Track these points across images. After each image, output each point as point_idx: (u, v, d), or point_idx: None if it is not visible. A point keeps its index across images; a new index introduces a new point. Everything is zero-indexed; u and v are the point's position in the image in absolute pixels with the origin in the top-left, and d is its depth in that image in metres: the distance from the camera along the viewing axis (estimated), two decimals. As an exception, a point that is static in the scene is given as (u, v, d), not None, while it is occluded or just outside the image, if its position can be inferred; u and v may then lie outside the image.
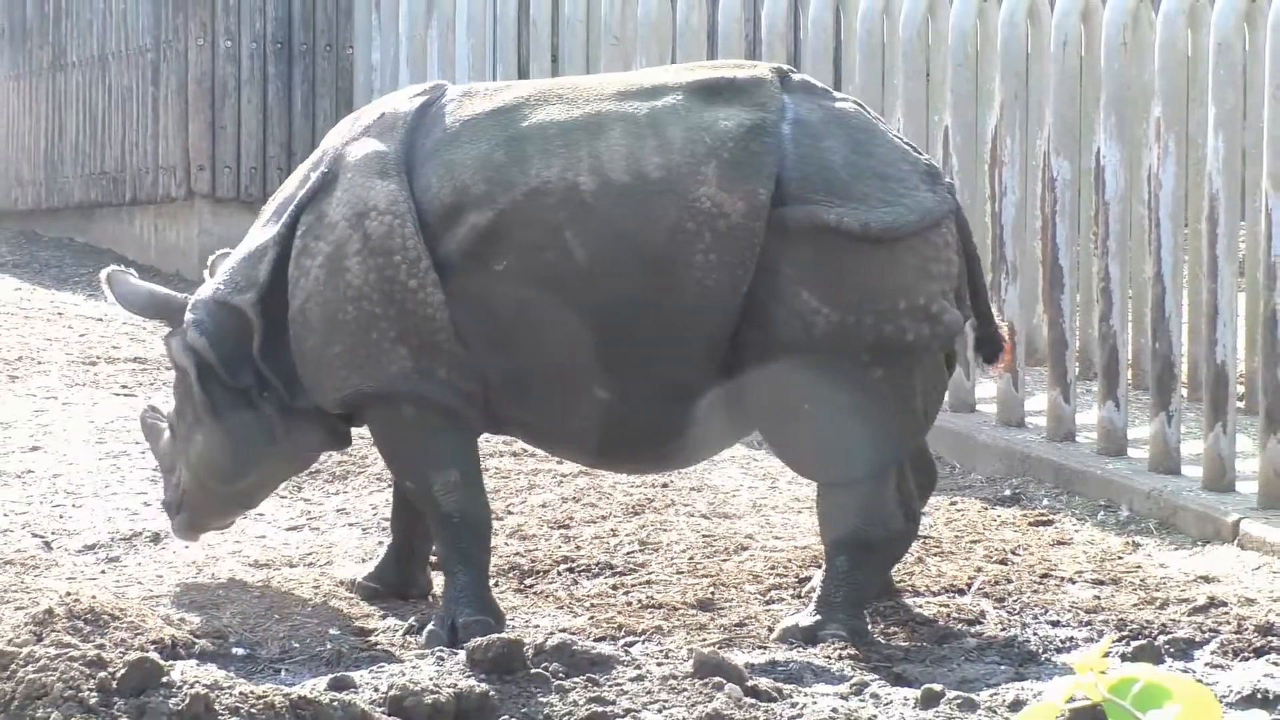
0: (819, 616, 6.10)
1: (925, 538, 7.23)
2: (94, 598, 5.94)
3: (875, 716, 5.26)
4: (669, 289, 6.03)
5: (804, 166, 6.08)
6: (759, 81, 6.19)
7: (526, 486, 7.84)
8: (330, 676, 5.50)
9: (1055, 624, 6.33)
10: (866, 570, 6.15)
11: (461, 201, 6.15)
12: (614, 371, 6.09)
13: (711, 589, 6.66)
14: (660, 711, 5.25)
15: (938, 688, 5.46)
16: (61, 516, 7.51)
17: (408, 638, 6.19)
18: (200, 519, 6.72)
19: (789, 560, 6.95)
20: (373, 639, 6.13)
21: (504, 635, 5.63)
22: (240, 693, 5.09)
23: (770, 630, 6.23)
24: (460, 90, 6.38)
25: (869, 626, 6.16)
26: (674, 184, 6.05)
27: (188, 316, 6.51)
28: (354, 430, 6.60)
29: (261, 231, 6.48)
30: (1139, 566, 6.93)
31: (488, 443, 8.36)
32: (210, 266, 6.72)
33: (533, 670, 5.46)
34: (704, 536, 7.28)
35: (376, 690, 5.34)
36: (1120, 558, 7.05)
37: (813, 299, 6.01)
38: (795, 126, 6.12)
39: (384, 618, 6.34)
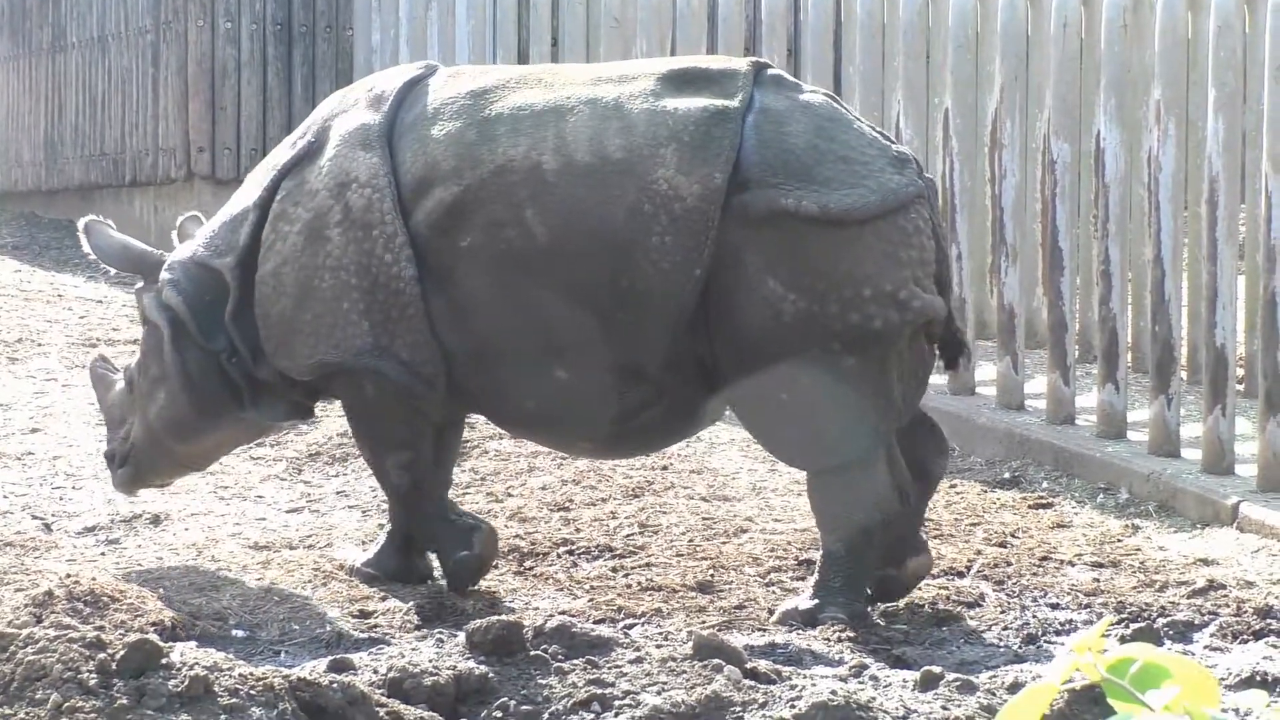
0: (818, 600, 6.11)
1: (925, 520, 7.23)
2: (94, 580, 5.95)
3: (874, 699, 5.27)
4: (626, 270, 6.04)
5: (765, 152, 6.06)
6: (730, 72, 6.19)
7: (526, 469, 7.84)
8: (330, 658, 5.50)
9: (1055, 606, 6.33)
10: (863, 554, 6.15)
11: (431, 177, 6.22)
12: (572, 352, 6.12)
13: (711, 571, 6.66)
14: (659, 693, 5.26)
15: (937, 670, 5.46)
16: (61, 499, 7.51)
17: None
18: (144, 475, 6.81)
19: (788, 543, 6.96)
20: (372, 621, 6.14)
21: (504, 617, 5.64)
22: (240, 674, 5.09)
23: (770, 612, 6.24)
24: (450, 71, 6.43)
25: (868, 609, 6.17)
26: (634, 165, 6.07)
27: (164, 275, 6.56)
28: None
29: (243, 196, 6.53)
30: (1138, 549, 6.93)
31: (487, 425, 8.37)
32: (179, 229, 6.76)
33: (532, 652, 5.47)
34: (703, 519, 7.28)
35: (376, 672, 5.35)
36: (1119, 540, 7.06)
37: (779, 286, 5.99)
38: (760, 114, 6.10)
39: (384, 600, 6.34)
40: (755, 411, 6.16)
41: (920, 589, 6.42)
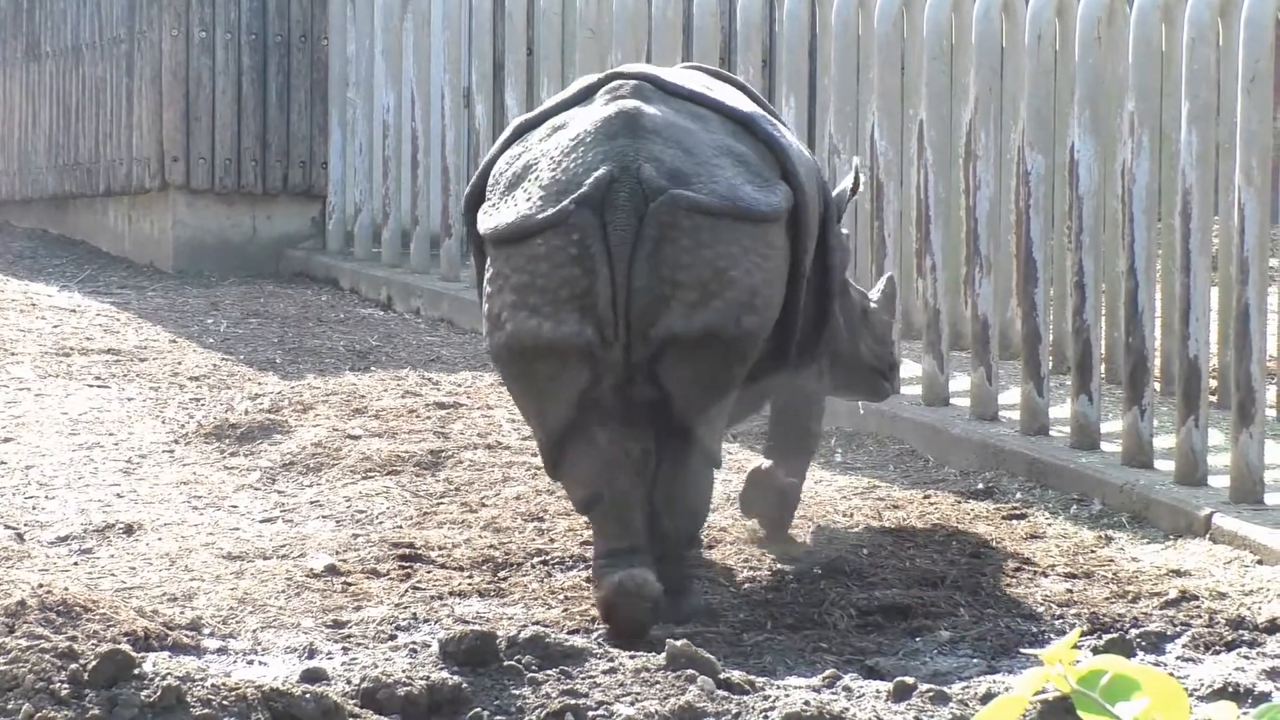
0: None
1: (898, 530, 7.25)
2: (66, 589, 5.93)
3: (847, 709, 5.27)
4: None
5: (498, 164, 6.26)
6: (578, 89, 6.42)
7: (501, 479, 7.83)
8: (303, 668, 5.50)
9: (1028, 617, 6.34)
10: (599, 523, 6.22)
11: None
12: None
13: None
14: (633, 704, 5.26)
15: (910, 680, 5.47)
16: (34, 508, 7.49)
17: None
18: None
19: (762, 553, 6.96)
20: (346, 631, 6.13)
21: (477, 628, 5.63)
22: (212, 684, 5.09)
23: (745, 624, 6.24)
24: None
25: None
26: None
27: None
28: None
29: None
30: (1111, 560, 6.95)
31: (462, 435, 8.36)
32: None
33: (505, 662, 5.47)
34: (678, 529, 7.27)
35: (349, 682, 5.34)
36: (1093, 551, 7.07)
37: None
38: (543, 130, 6.27)
39: (357, 610, 6.34)
40: None
41: (894, 599, 6.42)
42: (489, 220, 6.15)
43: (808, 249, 6.31)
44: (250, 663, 5.83)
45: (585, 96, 6.32)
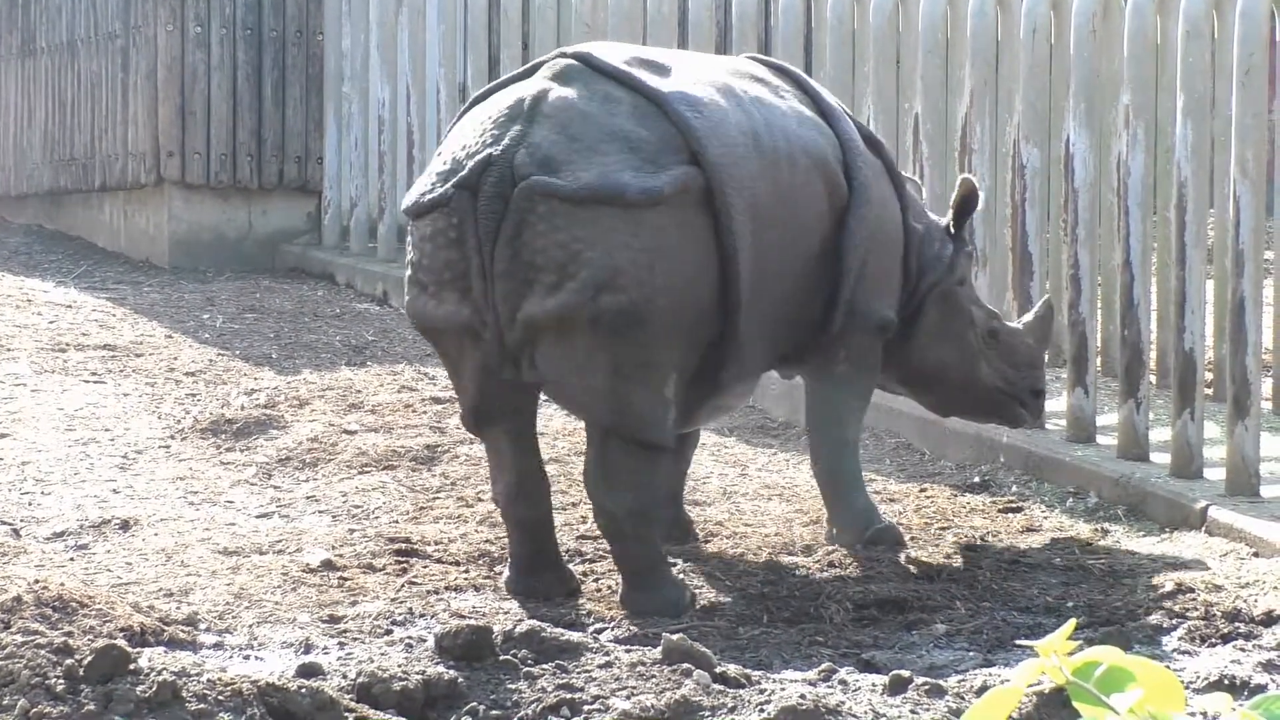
0: None
1: (894, 524, 7.24)
2: (62, 585, 5.93)
3: (843, 702, 5.27)
4: None
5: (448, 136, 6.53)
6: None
7: (496, 473, 7.83)
8: (298, 663, 5.49)
9: (1023, 610, 6.34)
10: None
11: None
12: None
13: (680, 576, 6.66)
14: (629, 698, 5.26)
15: (906, 674, 5.47)
16: (30, 504, 7.49)
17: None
18: None
19: (759, 547, 6.96)
20: (342, 626, 6.13)
21: (473, 622, 5.64)
22: (208, 680, 5.09)
23: (741, 618, 6.24)
24: None
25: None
26: None
27: None
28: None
29: None
30: (1107, 553, 6.95)
31: (458, 430, 8.36)
32: None
33: (501, 657, 5.47)
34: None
35: (345, 677, 5.34)
36: (1089, 544, 7.07)
37: None
38: (484, 101, 6.48)
39: (353, 605, 6.34)
40: None
41: (890, 593, 6.42)
42: (407, 194, 6.42)
43: (735, 229, 6.25)
44: (246, 658, 5.83)
45: (529, 74, 6.45)
